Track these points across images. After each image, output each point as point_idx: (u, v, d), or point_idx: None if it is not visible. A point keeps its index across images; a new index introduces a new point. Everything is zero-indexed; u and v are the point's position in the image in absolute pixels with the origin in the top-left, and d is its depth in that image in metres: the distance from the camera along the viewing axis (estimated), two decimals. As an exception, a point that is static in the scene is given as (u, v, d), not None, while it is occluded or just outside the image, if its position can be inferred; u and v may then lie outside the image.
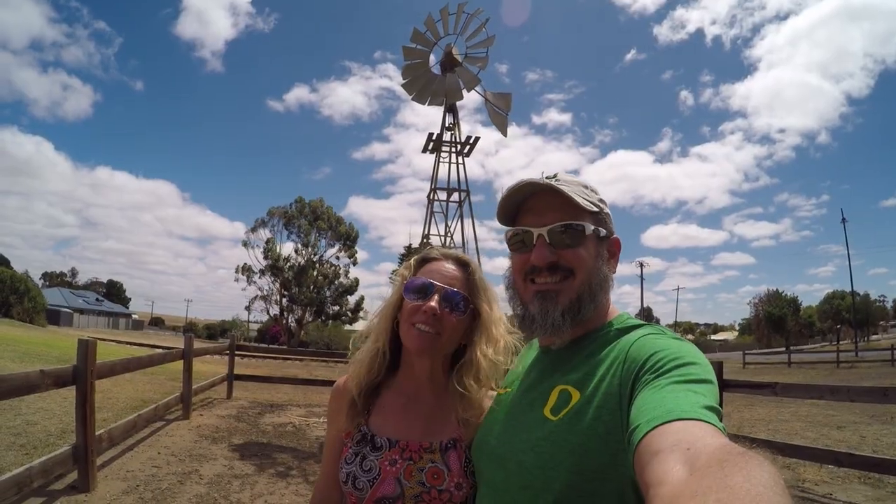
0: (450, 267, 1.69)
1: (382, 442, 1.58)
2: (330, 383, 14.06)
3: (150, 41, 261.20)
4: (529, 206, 1.46)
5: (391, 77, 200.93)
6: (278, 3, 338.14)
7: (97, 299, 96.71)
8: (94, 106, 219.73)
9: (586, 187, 1.46)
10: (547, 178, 1.45)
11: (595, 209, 1.41)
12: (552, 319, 1.37)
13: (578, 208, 1.37)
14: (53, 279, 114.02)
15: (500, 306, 1.70)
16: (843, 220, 68.67)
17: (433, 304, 1.59)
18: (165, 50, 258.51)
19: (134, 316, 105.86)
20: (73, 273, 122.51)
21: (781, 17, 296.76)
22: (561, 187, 1.37)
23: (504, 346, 1.67)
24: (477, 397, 1.63)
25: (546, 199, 1.41)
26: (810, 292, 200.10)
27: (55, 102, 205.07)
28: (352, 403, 1.66)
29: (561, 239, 1.38)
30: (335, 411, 1.71)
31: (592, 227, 1.40)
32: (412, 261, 1.75)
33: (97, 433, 6.02)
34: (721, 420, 0.95)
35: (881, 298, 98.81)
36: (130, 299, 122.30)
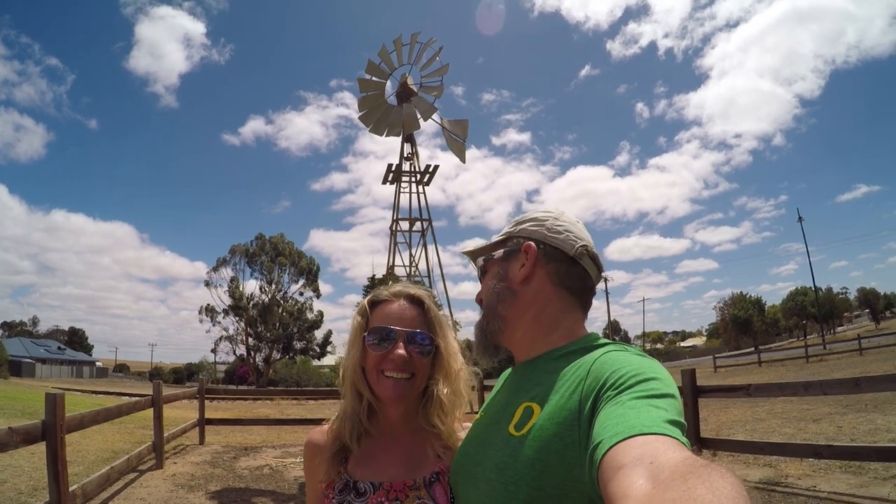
0: (406, 306, 1.66)
1: (366, 487, 1.53)
2: (303, 422, 14.09)
3: (102, 77, 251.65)
4: None
5: (348, 105, 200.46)
6: (234, 33, 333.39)
7: (59, 348, 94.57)
8: (46, 146, 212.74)
9: (510, 224, 1.59)
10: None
11: (503, 237, 1.54)
12: (478, 342, 1.56)
13: (486, 249, 1.58)
14: (13, 329, 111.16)
15: (454, 336, 1.71)
16: (800, 218, 70.28)
17: (401, 351, 1.57)
18: (118, 86, 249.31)
19: (98, 363, 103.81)
20: (34, 322, 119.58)
21: (731, 26, 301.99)
22: (464, 249, 1.66)
23: (464, 379, 1.68)
24: (448, 430, 1.63)
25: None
26: (775, 291, 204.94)
27: (7, 144, 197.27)
28: (335, 453, 1.61)
29: (480, 275, 1.60)
30: (314, 465, 1.65)
31: (485, 257, 1.56)
32: (364, 304, 1.70)
33: (70, 489, 5.85)
34: (685, 434, 0.96)
35: (843, 290, 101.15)
36: (93, 346, 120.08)
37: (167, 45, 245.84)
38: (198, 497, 7.91)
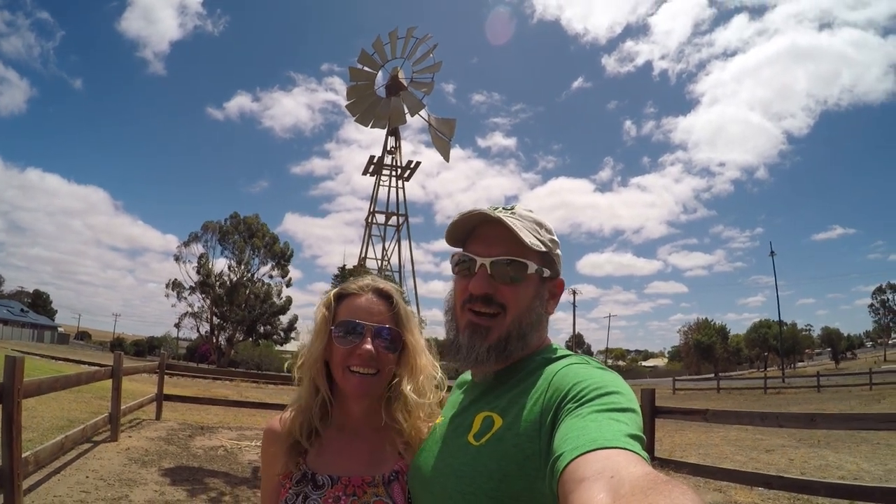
0: (374, 301, 1.64)
1: (324, 480, 1.53)
2: (262, 405, 13.98)
3: (92, 37, 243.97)
4: (479, 233, 1.46)
5: (337, 91, 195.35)
6: (230, 5, 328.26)
7: (22, 310, 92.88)
8: (28, 102, 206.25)
9: (541, 226, 1.45)
10: (505, 208, 1.46)
11: (544, 249, 1.41)
12: (477, 353, 1.38)
13: (525, 245, 1.36)
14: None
15: (421, 332, 1.70)
16: (772, 252, 71.09)
17: (368, 346, 1.56)
18: (107, 47, 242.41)
19: (60, 329, 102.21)
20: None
21: (728, 55, 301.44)
22: (511, 222, 1.37)
23: (428, 376, 1.67)
24: (411, 428, 1.63)
25: (496, 231, 1.40)
26: (739, 321, 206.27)
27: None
28: (291, 445, 1.60)
29: (503, 272, 1.38)
30: (272, 455, 1.63)
31: (536, 267, 1.40)
32: (331, 296, 1.67)
33: (23, 455, 5.77)
34: (644, 448, 0.97)
35: (808, 327, 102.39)
36: (57, 311, 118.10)
37: (162, 10, 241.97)
38: (150, 473, 7.84)
